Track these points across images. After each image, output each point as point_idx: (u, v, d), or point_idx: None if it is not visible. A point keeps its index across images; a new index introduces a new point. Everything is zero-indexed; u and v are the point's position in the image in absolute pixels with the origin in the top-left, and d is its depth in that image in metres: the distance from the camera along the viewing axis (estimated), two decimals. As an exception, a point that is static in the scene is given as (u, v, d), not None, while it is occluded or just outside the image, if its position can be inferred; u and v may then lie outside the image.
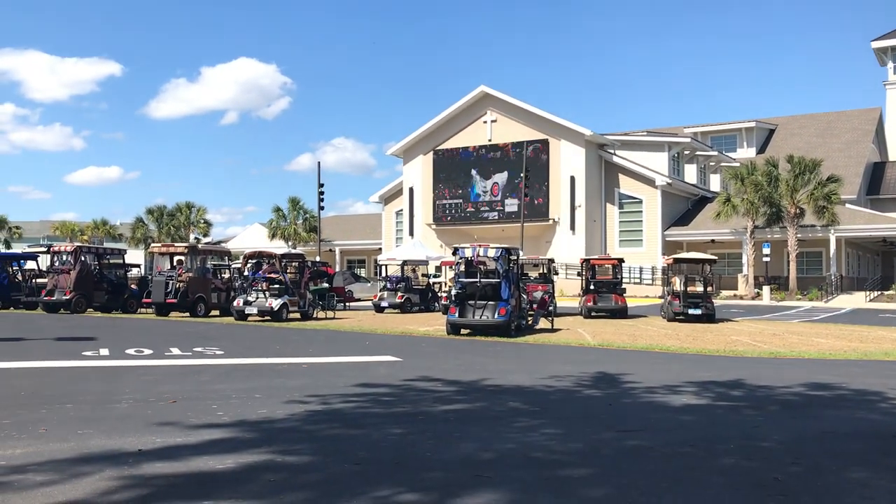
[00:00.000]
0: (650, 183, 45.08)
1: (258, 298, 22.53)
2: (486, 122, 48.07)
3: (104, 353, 13.03)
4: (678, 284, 24.29)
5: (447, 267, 30.47)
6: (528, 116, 46.68)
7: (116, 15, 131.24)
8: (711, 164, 53.76)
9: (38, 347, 14.11)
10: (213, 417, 7.33)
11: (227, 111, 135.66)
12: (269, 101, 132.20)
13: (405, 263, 31.25)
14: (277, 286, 22.94)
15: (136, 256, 49.19)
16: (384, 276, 30.89)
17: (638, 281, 42.85)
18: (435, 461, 5.72)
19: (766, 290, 39.34)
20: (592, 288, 26.47)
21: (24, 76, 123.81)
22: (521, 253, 22.27)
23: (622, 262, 28.43)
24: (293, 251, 35.21)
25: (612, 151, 46.90)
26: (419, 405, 8.33)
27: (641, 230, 45.75)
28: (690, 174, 50.93)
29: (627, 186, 46.31)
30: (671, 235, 45.44)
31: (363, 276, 49.57)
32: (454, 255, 19.05)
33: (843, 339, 18.22)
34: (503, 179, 46.68)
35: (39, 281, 27.43)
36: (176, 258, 26.04)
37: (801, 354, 14.62)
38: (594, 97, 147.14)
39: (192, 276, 24.29)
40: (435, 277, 33.12)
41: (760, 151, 54.53)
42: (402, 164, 51.90)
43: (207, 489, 4.87)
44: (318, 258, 41.48)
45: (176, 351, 13.54)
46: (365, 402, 8.49)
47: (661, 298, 28.52)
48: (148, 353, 13.15)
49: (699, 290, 24.18)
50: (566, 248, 44.38)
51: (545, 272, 27.83)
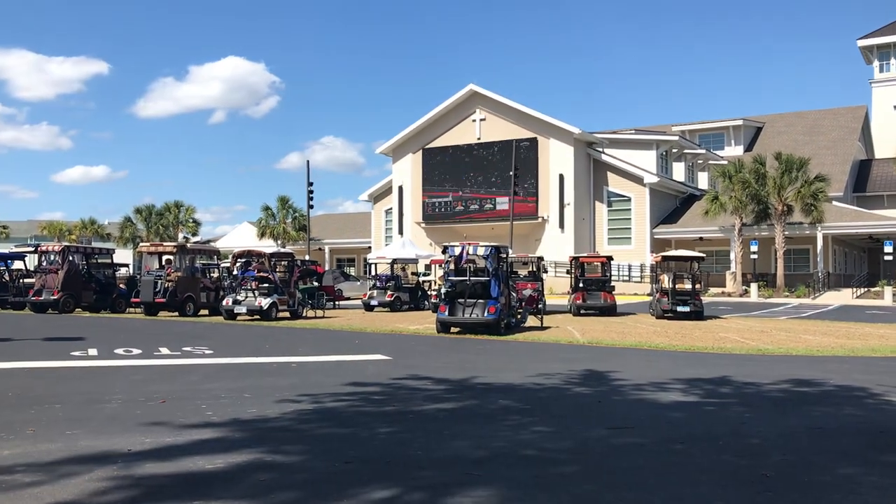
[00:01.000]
0: (638, 181, 45.23)
1: (247, 298, 22.48)
2: (475, 120, 48.07)
3: (93, 353, 12.96)
4: (667, 282, 24.42)
5: (437, 265, 30.49)
6: (517, 115, 46.71)
7: (103, 13, 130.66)
8: (699, 162, 53.99)
9: (26, 348, 14.02)
10: (202, 417, 7.31)
11: (215, 110, 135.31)
12: (257, 99, 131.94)
13: (395, 262, 31.25)
14: (267, 285, 22.90)
15: (124, 256, 48.92)
16: (374, 274, 30.87)
17: (627, 279, 42.98)
18: (425, 460, 5.73)
19: (753, 287, 39.56)
20: (581, 286, 26.55)
21: (10, 75, 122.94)
22: (510, 251, 22.29)
23: (611, 259, 28.56)
24: (282, 250, 35.12)
25: (600, 150, 47.00)
26: (409, 404, 8.34)
27: (630, 228, 45.90)
28: (678, 172, 51.14)
29: (616, 184, 46.44)
30: (659, 233, 45.60)
31: (353, 274, 49.50)
32: (444, 253, 19.04)
33: (830, 335, 18.35)
34: (492, 178, 46.70)
35: (27, 281, 27.28)
36: (165, 257, 25.93)
37: (788, 351, 14.71)
38: (583, 96, 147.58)
39: (180, 275, 24.20)
40: (425, 276, 33.13)
41: (748, 149, 54.85)
42: (391, 162, 51.84)
43: (198, 489, 4.86)
44: (307, 257, 41.40)
45: (165, 351, 13.49)
46: (355, 401, 8.49)
47: (649, 296, 28.62)
48: (137, 352, 13.09)
49: (687, 287, 24.31)
50: (555, 246, 44.49)
51: (534, 270, 27.90)
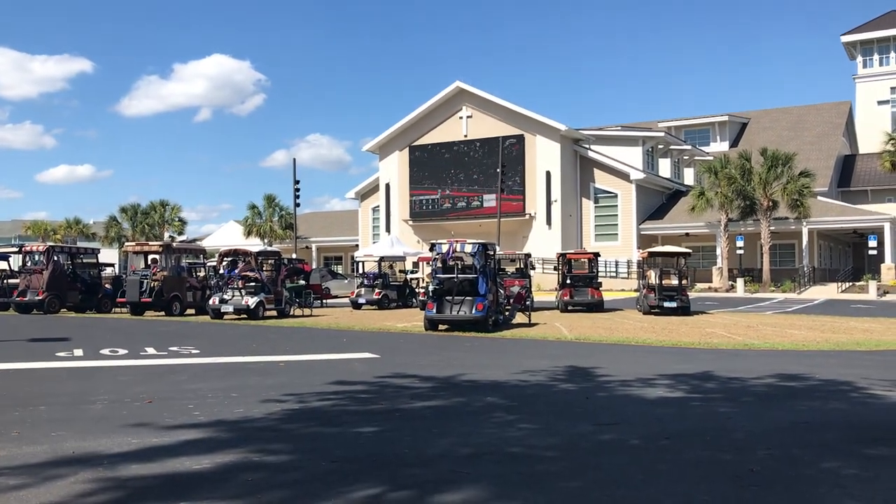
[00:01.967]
0: (625, 177, 45.38)
1: (234, 297, 22.39)
2: (461, 117, 48.08)
3: (78, 353, 12.88)
4: (653, 278, 24.51)
5: (424, 263, 30.48)
6: (503, 112, 46.75)
7: (87, 11, 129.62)
8: (685, 158, 54.23)
9: (10, 348, 13.90)
10: (189, 417, 7.28)
11: (200, 108, 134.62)
12: (242, 97, 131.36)
13: (382, 260, 31.23)
14: (253, 284, 22.82)
15: (109, 255, 48.54)
16: (361, 272, 30.83)
17: (614, 275, 43.15)
18: (413, 458, 5.73)
19: (740, 282, 39.81)
20: (569, 282, 26.63)
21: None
22: (497, 248, 22.31)
23: (598, 256, 28.66)
24: (269, 248, 35.03)
25: (587, 146, 47.12)
26: (396, 402, 8.33)
27: (617, 224, 46.06)
28: (664, 168, 51.34)
29: (602, 181, 46.59)
30: (646, 229, 45.78)
31: (340, 272, 49.45)
32: (431, 250, 19.04)
33: (815, 329, 18.48)
34: (479, 175, 46.72)
35: (11, 281, 27.04)
36: (150, 257, 25.78)
37: (774, 346, 14.80)
38: (569, 92, 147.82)
39: (166, 274, 24.09)
40: (412, 273, 33.10)
41: (734, 145, 55.13)
42: (378, 160, 51.76)
43: (184, 490, 4.83)
44: (294, 255, 41.26)
45: (151, 350, 13.42)
46: (342, 399, 8.48)
47: (636, 292, 28.75)
48: (123, 353, 13.02)
49: (674, 283, 24.41)
50: (543, 242, 44.59)
51: (522, 267, 27.93)
